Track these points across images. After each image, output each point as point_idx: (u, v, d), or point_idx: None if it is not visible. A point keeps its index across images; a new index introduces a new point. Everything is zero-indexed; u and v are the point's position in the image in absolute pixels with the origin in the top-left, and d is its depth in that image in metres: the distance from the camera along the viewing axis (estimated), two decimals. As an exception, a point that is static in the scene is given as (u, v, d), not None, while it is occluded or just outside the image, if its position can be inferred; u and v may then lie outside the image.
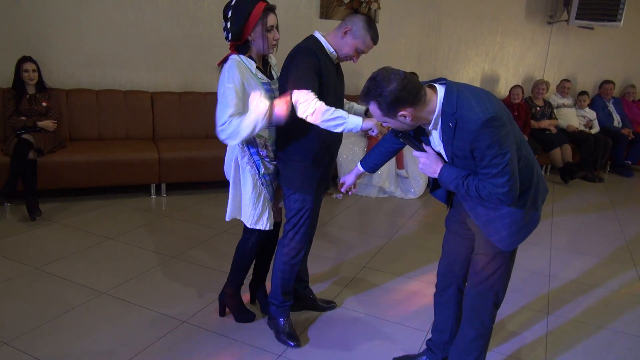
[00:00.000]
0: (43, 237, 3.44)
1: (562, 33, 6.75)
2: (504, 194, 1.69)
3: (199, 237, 3.59)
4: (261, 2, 2.12)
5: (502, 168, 1.65)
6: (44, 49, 4.37)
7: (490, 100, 1.69)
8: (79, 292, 2.74)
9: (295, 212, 2.32)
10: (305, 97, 2.06)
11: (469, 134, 1.64)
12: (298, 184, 2.27)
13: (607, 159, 6.49)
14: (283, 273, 2.41)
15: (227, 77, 2.11)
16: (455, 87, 1.71)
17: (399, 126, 1.77)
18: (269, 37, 2.15)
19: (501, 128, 1.64)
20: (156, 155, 4.31)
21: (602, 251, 3.87)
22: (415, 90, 1.66)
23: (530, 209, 1.83)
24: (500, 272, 1.93)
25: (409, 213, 4.47)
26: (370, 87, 1.68)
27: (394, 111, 1.68)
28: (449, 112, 1.68)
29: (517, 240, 1.86)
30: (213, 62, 5.39)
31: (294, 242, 2.37)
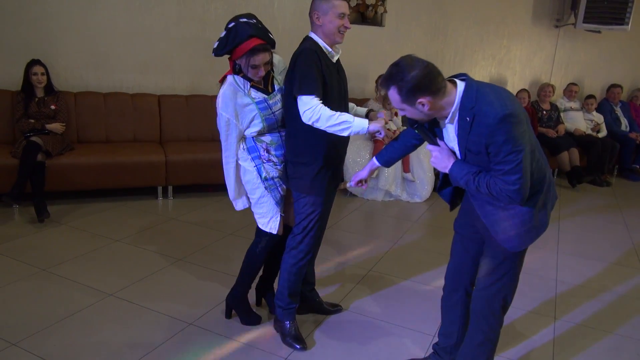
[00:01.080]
0: (51, 238, 3.47)
1: (569, 36, 6.73)
2: (514, 192, 1.68)
3: (206, 240, 3.60)
4: (254, 39, 2.10)
5: (515, 165, 1.65)
6: (52, 52, 4.41)
7: (509, 98, 1.69)
8: (86, 294, 2.75)
9: (305, 215, 2.32)
10: (310, 104, 2.08)
11: (485, 128, 1.64)
12: (308, 187, 2.27)
13: (614, 163, 6.45)
14: (290, 275, 2.41)
15: (221, 105, 2.22)
16: (475, 83, 1.72)
17: (416, 115, 1.76)
18: (252, 71, 2.16)
19: (518, 125, 1.64)
20: (163, 157, 4.33)
21: (610, 255, 3.85)
22: (436, 80, 1.67)
23: (539, 212, 1.82)
24: (509, 276, 1.92)
25: (415, 217, 4.47)
26: (393, 72, 1.69)
27: (413, 98, 1.68)
28: (468, 106, 1.68)
29: (524, 242, 1.85)
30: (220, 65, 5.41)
31: (303, 245, 2.37)
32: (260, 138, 2.29)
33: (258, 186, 2.32)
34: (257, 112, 2.22)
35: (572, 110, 6.39)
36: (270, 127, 2.27)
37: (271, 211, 2.35)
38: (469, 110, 1.68)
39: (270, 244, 2.46)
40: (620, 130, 6.56)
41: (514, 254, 1.89)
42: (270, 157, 2.31)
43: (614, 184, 6.18)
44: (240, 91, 2.21)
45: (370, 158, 4.79)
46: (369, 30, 5.55)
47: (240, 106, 2.21)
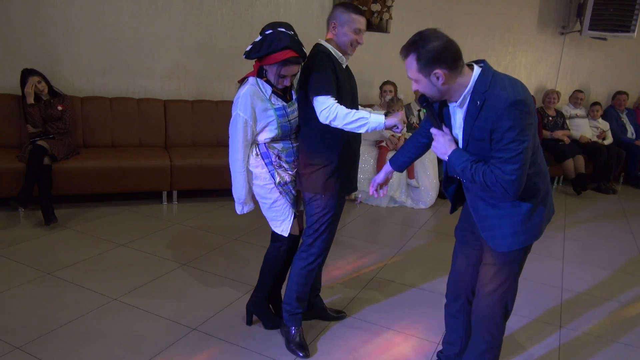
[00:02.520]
0: (56, 242, 3.48)
1: (575, 44, 6.72)
2: (509, 182, 1.66)
3: (210, 245, 3.61)
4: (289, 51, 2.10)
5: (515, 154, 1.64)
6: (59, 57, 4.44)
7: (524, 88, 1.69)
8: (91, 298, 2.76)
9: (317, 218, 2.32)
10: (326, 104, 2.11)
11: (494, 112, 1.64)
12: (321, 187, 2.27)
13: (620, 170, 6.42)
14: (300, 278, 2.40)
15: (239, 105, 2.19)
16: (492, 69, 1.73)
17: (428, 89, 1.75)
18: (279, 80, 2.18)
19: (526, 115, 1.63)
20: (168, 162, 4.34)
21: (615, 263, 3.82)
22: (456, 55, 1.68)
23: (530, 219, 1.81)
24: (508, 284, 1.91)
25: (419, 223, 4.45)
26: (415, 39, 1.70)
27: (430, 68, 1.68)
28: (480, 90, 1.68)
29: (509, 244, 1.82)
30: (225, 71, 5.47)
31: (314, 248, 2.36)
32: (272, 145, 2.30)
33: (272, 191, 2.32)
34: (275, 119, 2.22)
35: (577, 118, 6.37)
36: (284, 134, 2.28)
37: (284, 214, 2.35)
38: (480, 94, 1.68)
39: (292, 246, 2.47)
40: (626, 137, 6.53)
41: (512, 261, 1.88)
42: (282, 163, 2.32)
43: (620, 192, 6.15)
44: (262, 95, 2.21)
45: (374, 163, 4.81)
46: (374, 36, 5.56)
47: (260, 110, 2.20)
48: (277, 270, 2.53)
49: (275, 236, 2.46)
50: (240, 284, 3.04)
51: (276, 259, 2.49)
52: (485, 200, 1.83)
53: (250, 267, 3.27)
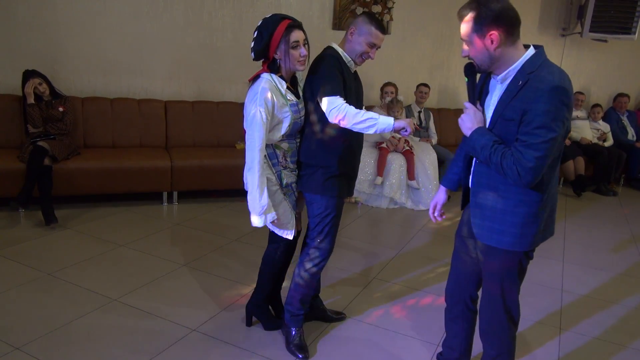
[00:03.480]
0: (56, 243, 3.48)
1: (576, 45, 6.72)
2: (525, 169, 1.62)
3: (210, 245, 3.61)
4: (285, 20, 2.13)
5: (541, 141, 1.59)
6: (61, 57, 4.45)
7: (570, 82, 1.66)
8: (91, 299, 2.76)
9: (319, 219, 2.31)
10: (335, 103, 2.10)
11: (534, 92, 1.60)
12: (321, 188, 2.26)
13: (621, 172, 6.42)
14: (303, 280, 2.40)
15: (259, 99, 2.11)
16: (545, 56, 1.70)
17: (479, 52, 1.70)
18: (294, 54, 2.15)
19: (564, 106, 1.60)
20: (168, 163, 4.35)
21: (617, 266, 3.82)
22: (515, 21, 1.66)
23: (525, 226, 1.76)
24: (509, 289, 1.88)
25: (419, 224, 4.45)
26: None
27: (487, 27, 1.64)
28: (527, 70, 1.66)
29: (506, 242, 1.79)
30: (226, 72, 5.48)
31: (319, 251, 2.36)
32: (279, 145, 2.28)
33: (276, 193, 2.29)
34: (290, 115, 2.20)
35: (578, 119, 6.37)
36: (292, 132, 2.27)
37: (287, 217, 2.34)
38: (525, 75, 1.65)
39: (289, 248, 2.47)
40: (627, 139, 6.53)
41: (510, 268, 1.85)
42: (288, 163, 2.31)
43: (621, 193, 6.15)
44: (279, 89, 2.19)
45: (375, 165, 4.80)
46: (375, 38, 5.56)
47: (278, 106, 2.16)
48: (275, 272, 2.53)
49: (272, 237, 2.45)
50: (241, 285, 3.04)
51: (274, 260, 2.49)
52: (496, 189, 1.78)
53: (251, 268, 3.27)
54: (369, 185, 4.83)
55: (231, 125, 4.96)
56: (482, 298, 1.97)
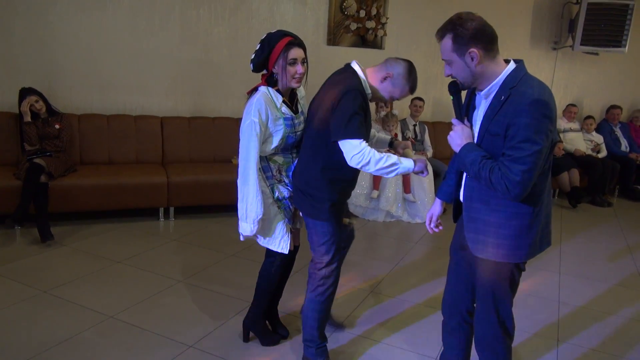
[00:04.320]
0: (52, 260, 3.47)
1: (567, 59, 6.81)
2: (513, 183, 1.63)
3: (207, 261, 3.60)
4: (287, 37, 2.18)
5: (526, 155, 1.61)
6: (57, 74, 4.48)
7: (550, 94, 1.67)
8: (87, 316, 2.74)
9: (320, 244, 2.26)
10: (358, 148, 2.04)
11: (515, 107, 1.63)
12: (318, 213, 2.21)
13: (615, 183, 6.46)
14: (320, 312, 2.35)
15: (253, 110, 2.16)
16: (526, 70, 1.73)
17: (461, 71, 1.73)
18: (291, 70, 2.18)
19: (546, 119, 1.62)
20: (165, 179, 4.35)
21: (613, 277, 3.83)
22: (492, 37, 1.71)
23: (518, 237, 1.77)
24: (503, 300, 1.88)
25: (416, 237, 4.46)
26: (453, 19, 1.71)
27: (466, 47, 1.68)
28: (508, 85, 1.68)
29: (496, 253, 1.79)
30: (222, 87, 5.52)
31: (327, 279, 2.31)
32: (273, 158, 2.30)
33: (270, 206, 2.30)
34: (283, 129, 2.23)
35: (571, 131, 6.43)
36: (286, 146, 2.29)
37: (282, 231, 2.34)
38: (507, 90, 1.68)
39: (285, 262, 2.46)
40: (620, 150, 6.59)
41: (503, 279, 1.84)
42: (282, 177, 2.32)
43: (615, 205, 6.18)
44: (274, 102, 2.22)
45: (371, 179, 4.82)
46: (369, 53, 5.63)
47: (272, 118, 2.20)
48: (272, 286, 2.52)
49: (269, 252, 2.45)
50: (238, 301, 3.03)
51: (270, 275, 2.48)
52: (486, 202, 1.79)
53: (248, 283, 3.26)
54: (365, 199, 4.84)
55: (227, 141, 4.98)
56: (476, 311, 1.97)
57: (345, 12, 5.43)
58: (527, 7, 6.46)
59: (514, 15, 6.38)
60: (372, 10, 5.53)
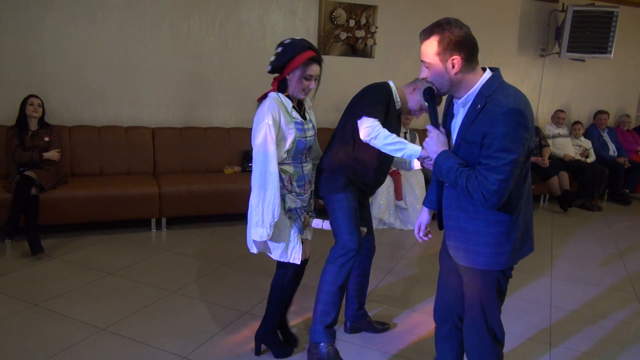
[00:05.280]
0: (43, 273, 3.44)
1: (555, 65, 6.90)
2: (490, 192, 1.64)
3: (200, 272, 3.59)
4: (310, 51, 2.22)
5: (502, 164, 1.61)
6: (48, 86, 4.47)
7: (526, 102, 1.68)
8: (79, 329, 2.72)
9: (340, 215, 2.45)
10: (371, 123, 2.28)
11: (491, 116, 1.63)
12: (334, 187, 2.45)
13: (604, 187, 6.53)
14: (336, 286, 2.46)
15: (266, 114, 2.19)
16: (502, 78, 1.75)
17: (439, 76, 1.74)
18: (304, 84, 2.24)
19: (521, 127, 1.62)
20: (157, 190, 4.34)
21: (604, 280, 3.86)
22: (475, 48, 1.72)
23: (500, 245, 1.77)
24: (491, 308, 1.88)
25: (408, 244, 4.47)
26: (442, 22, 1.71)
27: (449, 52, 1.69)
28: (484, 94, 1.69)
29: (472, 260, 1.81)
30: (214, 97, 5.53)
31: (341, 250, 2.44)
32: (283, 168, 2.30)
33: (282, 215, 2.29)
34: (294, 132, 2.25)
35: (560, 137, 6.50)
36: (297, 152, 2.31)
37: (294, 241, 2.33)
38: (483, 98, 1.68)
39: (297, 273, 2.46)
40: (608, 155, 6.67)
41: (488, 287, 1.84)
42: (293, 187, 2.33)
43: (605, 209, 6.24)
44: (285, 107, 2.26)
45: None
46: (359, 61, 5.68)
47: (284, 122, 2.23)
48: (284, 298, 2.50)
49: (280, 263, 2.42)
50: (232, 311, 3.02)
51: (283, 286, 2.46)
52: (465, 210, 1.80)
53: (242, 293, 3.26)
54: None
55: (219, 151, 4.99)
56: (465, 319, 1.97)
57: (335, 22, 5.48)
58: (515, 15, 6.55)
59: (502, 23, 6.47)
60: (362, 19, 5.58)
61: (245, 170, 5.00)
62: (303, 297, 2.94)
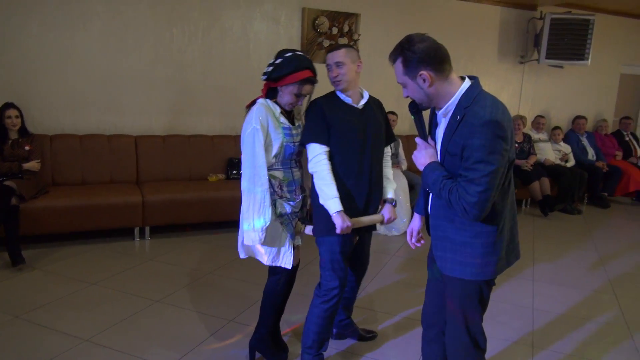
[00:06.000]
0: (24, 284, 3.38)
1: (534, 72, 7.04)
2: (470, 204, 1.65)
3: (184, 280, 3.56)
4: (308, 71, 2.25)
5: (481, 176, 1.62)
6: (28, 94, 4.41)
7: (504, 112, 1.68)
8: (61, 340, 2.68)
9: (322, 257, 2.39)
10: (314, 153, 2.28)
11: (469, 128, 1.64)
12: (322, 229, 2.34)
13: (584, 191, 6.65)
14: (320, 320, 2.42)
15: (254, 118, 2.22)
16: (480, 87, 1.75)
17: (416, 93, 1.76)
18: (294, 99, 2.28)
19: (498, 138, 1.62)
20: (140, 198, 4.31)
21: (584, 283, 3.93)
22: (442, 58, 1.71)
23: (485, 255, 1.78)
24: (472, 315, 1.89)
25: (393, 250, 4.50)
26: (402, 42, 1.72)
27: (416, 70, 1.70)
28: (463, 105, 1.69)
29: (455, 270, 1.83)
30: (197, 105, 5.51)
31: (326, 290, 2.39)
32: (273, 174, 2.31)
33: (274, 222, 2.30)
34: (282, 137, 2.27)
35: (540, 142, 6.62)
36: (286, 157, 2.32)
37: (285, 246, 2.35)
38: (462, 109, 1.69)
39: (290, 279, 2.46)
40: (587, 159, 6.80)
41: (470, 295, 1.85)
42: (284, 193, 2.34)
43: (585, 212, 6.36)
44: (273, 112, 2.28)
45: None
46: (342, 69, 5.71)
47: (272, 126, 2.25)
48: (278, 304, 2.50)
49: (273, 269, 2.43)
50: (216, 319, 3.01)
51: (276, 292, 2.46)
52: (450, 220, 1.82)
53: (226, 301, 3.25)
54: None
55: (203, 158, 4.97)
56: (446, 327, 1.98)
57: (318, 30, 5.52)
58: (494, 23, 6.67)
59: (482, 31, 6.58)
60: (344, 27, 5.63)
61: (230, 178, 4.99)
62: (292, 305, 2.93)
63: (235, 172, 4.99)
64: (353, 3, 5.69)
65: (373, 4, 5.83)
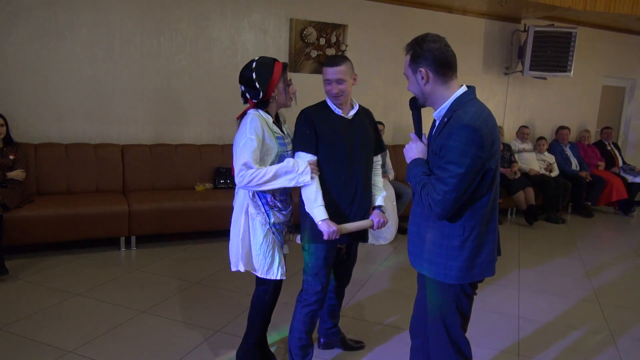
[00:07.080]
0: (7, 295, 3.33)
1: (518, 83, 7.15)
2: (434, 201, 1.72)
3: (170, 290, 3.53)
4: (278, 62, 2.32)
5: (449, 176, 1.68)
6: (13, 103, 4.37)
7: (485, 122, 1.72)
8: (44, 353, 2.64)
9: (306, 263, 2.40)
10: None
11: (449, 130, 1.71)
12: (308, 235, 2.36)
13: (568, 200, 6.75)
14: (301, 324, 2.43)
15: (248, 129, 2.21)
16: (473, 95, 1.82)
17: (414, 87, 1.85)
18: (290, 90, 2.33)
19: (473, 145, 1.66)
20: (126, 207, 4.27)
21: (569, 291, 3.97)
22: (446, 62, 1.78)
23: (455, 259, 1.80)
24: (451, 320, 1.89)
25: (380, 259, 4.51)
26: (418, 38, 1.81)
27: (416, 65, 1.79)
28: (453, 108, 1.76)
29: (423, 267, 1.87)
30: (184, 114, 5.50)
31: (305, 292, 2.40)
32: None
33: (267, 232, 2.31)
34: (276, 146, 2.28)
35: (525, 152, 6.71)
36: None
37: (277, 257, 2.35)
38: (451, 112, 1.76)
39: (277, 289, 2.45)
40: (571, 169, 6.91)
41: (449, 301, 1.86)
42: (276, 202, 2.34)
43: (569, 221, 6.44)
44: (265, 123, 2.28)
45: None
46: (330, 79, 5.74)
47: (267, 136, 2.26)
48: (265, 314, 2.49)
49: (261, 280, 2.42)
50: (203, 329, 2.98)
51: (264, 302, 2.45)
52: (427, 217, 1.86)
53: (213, 311, 3.23)
54: None
55: (190, 168, 4.96)
56: (428, 333, 1.99)
57: (306, 40, 5.56)
58: (479, 35, 6.78)
59: (467, 42, 6.68)
60: (332, 37, 5.68)
61: (217, 187, 4.97)
62: (280, 315, 2.92)
63: (223, 182, 4.98)
64: (340, 14, 5.75)
65: (360, 15, 5.89)
